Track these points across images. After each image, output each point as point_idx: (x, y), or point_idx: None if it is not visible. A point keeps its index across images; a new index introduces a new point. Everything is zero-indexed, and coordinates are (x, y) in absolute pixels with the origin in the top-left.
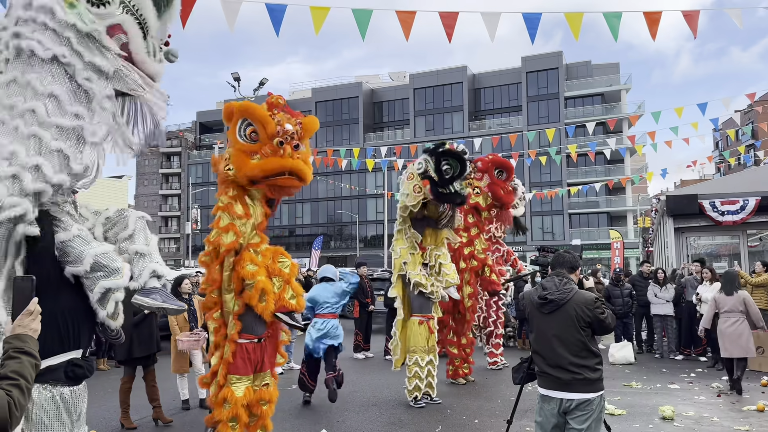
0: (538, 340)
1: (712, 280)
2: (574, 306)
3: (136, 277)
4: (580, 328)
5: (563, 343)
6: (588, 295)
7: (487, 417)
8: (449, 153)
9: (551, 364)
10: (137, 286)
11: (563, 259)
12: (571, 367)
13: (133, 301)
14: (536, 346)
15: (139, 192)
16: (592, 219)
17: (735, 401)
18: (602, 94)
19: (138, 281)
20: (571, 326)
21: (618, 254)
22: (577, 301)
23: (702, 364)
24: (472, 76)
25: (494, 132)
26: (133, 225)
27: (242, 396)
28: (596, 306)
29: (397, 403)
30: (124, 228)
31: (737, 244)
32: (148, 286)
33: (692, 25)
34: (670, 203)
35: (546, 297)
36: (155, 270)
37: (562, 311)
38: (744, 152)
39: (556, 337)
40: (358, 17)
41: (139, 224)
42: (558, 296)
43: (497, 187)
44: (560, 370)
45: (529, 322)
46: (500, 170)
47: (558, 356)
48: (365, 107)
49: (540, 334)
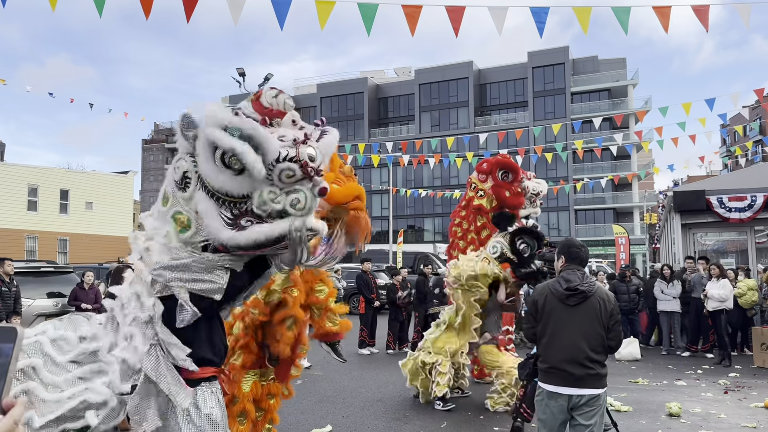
0: (555, 334)
1: (720, 276)
2: (598, 299)
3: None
4: (602, 323)
5: (585, 336)
6: (610, 293)
7: (491, 413)
8: (524, 231)
9: (567, 358)
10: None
11: (579, 254)
12: (587, 362)
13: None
14: (551, 341)
15: (144, 188)
16: (598, 215)
17: (742, 398)
18: (609, 89)
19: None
20: (595, 319)
21: (623, 250)
22: (600, 295)
23: (709, 360)
24: (477, 71)
25: (500, 128)
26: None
27: (249, 391)
28: (616, 306)
29: (401, 399)
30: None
31: (744, 241)
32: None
33: (703, 19)
34: (677, 199)
35: (576, 288)
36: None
37: (588, 304)
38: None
39: (578, 329)
40: (363, 12)
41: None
42: (587, 288)
43: (501, 189)
44: (575, 365)
45: (543, 316)
46: (505, 171)
47: (578, 350)
48: (370, 103)
49: (559, 328)
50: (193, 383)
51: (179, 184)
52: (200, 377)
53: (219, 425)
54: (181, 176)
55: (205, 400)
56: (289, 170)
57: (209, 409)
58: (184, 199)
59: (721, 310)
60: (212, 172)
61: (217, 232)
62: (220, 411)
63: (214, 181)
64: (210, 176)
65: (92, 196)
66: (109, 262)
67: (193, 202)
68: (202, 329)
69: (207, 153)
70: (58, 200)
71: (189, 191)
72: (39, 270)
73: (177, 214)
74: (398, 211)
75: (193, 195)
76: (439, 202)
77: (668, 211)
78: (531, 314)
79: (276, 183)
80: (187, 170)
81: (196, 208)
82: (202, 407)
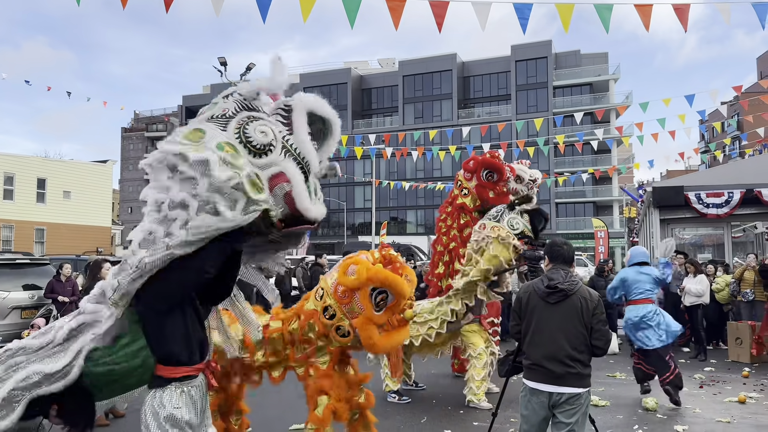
0: (537, 332)
1: (695, 272)
2: (580, 298)
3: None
4: (583, 322)
5: (565, 334)
6: (593, 292)
7: (472, 408)
8: (539, 212)
9: (548, 356)
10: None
11: (561, 252)
12: (568, 360)
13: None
14: (533, 338)
15: (124, 177)
16: (578, 208)
17: (717, 393)
18: (590, 83)
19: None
20: (576, 318)
21: (602, 243)
22: (583, 294)
23: (685, 354)
24: (461, 63)
25: (483, 120)
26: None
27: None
28: (599, 306)
29: (382, 395)
30: None
31: (721, 235)
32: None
33: (683, 19)
34: (656, 195)
35: (556, 286)
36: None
37: (569, 302)
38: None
39: (558, 328)
40: (347, 4)
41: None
42: (567, 286)
43: (485, 189)
44: (556, 362)
45: (526, 313)
46: (490, 172)
47: (558, 348)
48: (354, 94)
49: (541, 325)
50: (163, 382)
51: (259, 148)
52: (171, 376)
53: (181, 424)
54: (266, 142)
55: (171, 399)
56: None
57: (173, 409)
58: (259, 166)
59: (698, 305)
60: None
61: (304, 202)
62: (186, 410)
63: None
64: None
65: (70, 185)
66: (87, 253)
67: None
68: (179, 324)
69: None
70: (35, 189)
71: (269, 157)
72: (14, 262)
73: (250, 178)
74: (381, 203)
75: (285, 163)
76: (422, 194)
77: (647, 206)
78: (516, 312)
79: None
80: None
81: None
82: (167, 405)
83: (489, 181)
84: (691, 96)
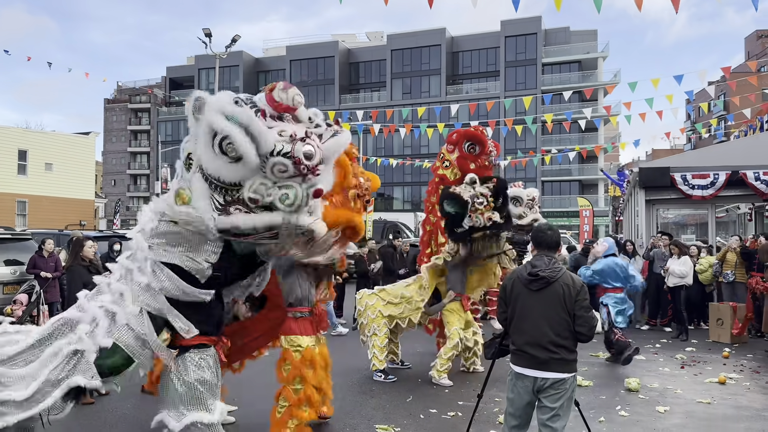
0: (521, 318)
1: (680, 254)
2: (562, 285)
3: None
4: (566, 308)
5: (548, 321)
6: (577, 279)
7: (457, 388)
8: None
9: (531, 342)
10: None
11: (544, 239)
12: (551, 346)
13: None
14: (518, 324)
15: (107, 149)
16: (564, 186)
17: (698, 373)
18: (579, 61)
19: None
20: (558, 304)
21: (587, 222)
22: (565, 281)
23: (667, 334)
24: (450, 38)
25: (471, 98)
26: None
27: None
28: (582, 292)
29: (368, 373)
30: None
31: (705, 215)
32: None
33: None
34: (642, 175)
35: (537, 273)
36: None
37: (551, 289)
38: (716, 124)
39: (541, 314)
40: None
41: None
42: (549, 273)
43: (466, 162)
44: (539, 348)
45: (511, 300)
46: (472, 144)
47: (541, 334)
48: (341, 68)
49: (524, 312)
50: (184, 349)
51: (184, 163)
52: (190, 344)
53: (206, 384)
54: (186, 157)
55: (193, 363)
56: (281, 165)
57: (196, 370)
58: (185, 179)
59: (681, 285)
60: (209, 156)
61: (204, 213)
62: (208, 374)
63: (209, 166)
64: (206, 160)
65: (52, 157)
66: (70, 227)
67: (191, 183)
68: (203, 303)
69: (206, 138)
70: (16, 161)
71: (190, 172)
72: None
73: (181, 190)
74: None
75: (192, 176)
76: (409, 171)
77: (633, 186)
78: (502, 299)
79: (268, 176)
80: (191, 152)
81: (191, 187)
82: (190, 366)
83: (470, 153)
84: (679, 76)
